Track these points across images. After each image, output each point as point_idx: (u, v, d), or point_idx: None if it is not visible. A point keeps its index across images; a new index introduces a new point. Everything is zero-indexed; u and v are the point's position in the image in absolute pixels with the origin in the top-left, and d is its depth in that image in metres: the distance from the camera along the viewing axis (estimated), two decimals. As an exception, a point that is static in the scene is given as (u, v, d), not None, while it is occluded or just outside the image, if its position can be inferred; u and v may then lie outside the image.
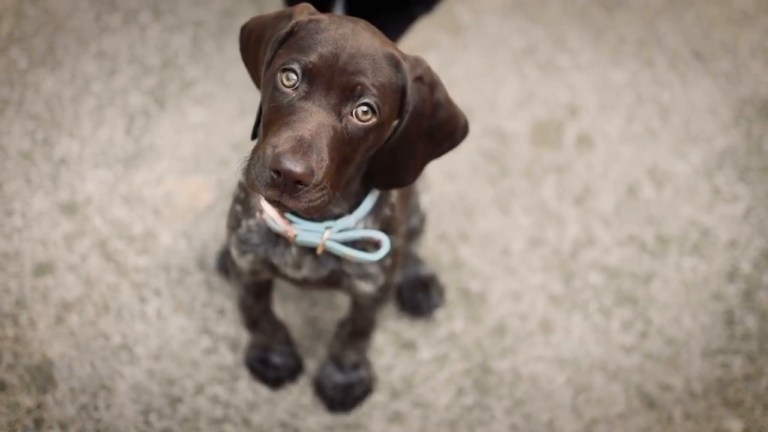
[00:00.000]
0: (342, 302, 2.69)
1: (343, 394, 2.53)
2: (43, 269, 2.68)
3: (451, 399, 2.57)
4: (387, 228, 2.07)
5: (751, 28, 3.31)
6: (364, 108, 1.78)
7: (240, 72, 3.07)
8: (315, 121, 1.75)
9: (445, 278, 2.74)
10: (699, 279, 2.79)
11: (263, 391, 2.55)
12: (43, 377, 2.52)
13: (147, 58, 3.08)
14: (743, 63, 3.22)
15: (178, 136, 2.92)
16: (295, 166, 1.70)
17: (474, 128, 3.02)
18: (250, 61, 1.96)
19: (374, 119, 1.79)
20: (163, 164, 2.87)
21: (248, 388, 2.55)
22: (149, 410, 2.49)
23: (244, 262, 2.15)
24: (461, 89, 3.10)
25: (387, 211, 2.06)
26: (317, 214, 1.82)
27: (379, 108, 1.78)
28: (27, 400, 2.49)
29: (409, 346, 2.65)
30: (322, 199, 1.76)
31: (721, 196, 2.93)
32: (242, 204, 2.10)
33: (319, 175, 1.73)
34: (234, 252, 2.15)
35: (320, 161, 1.73)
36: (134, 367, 2.55)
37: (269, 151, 1.72)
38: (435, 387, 2.59)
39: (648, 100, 3.12)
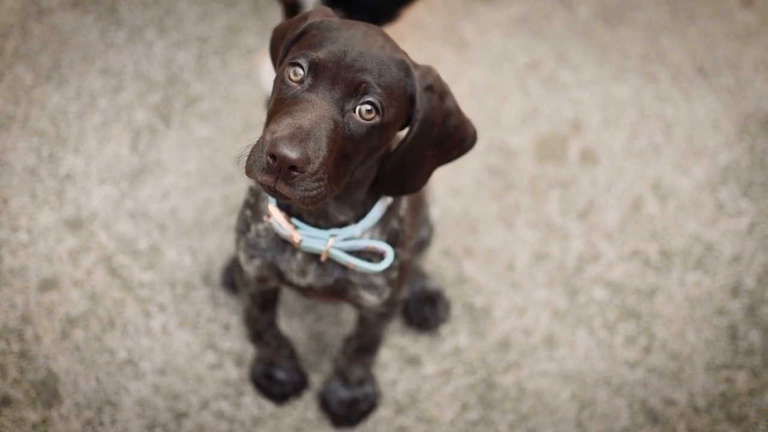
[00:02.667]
0: (347, 317, 2.69)
1: (348, 410, 2.53)
2: (48, 285, 2.68)
3: (456, 414, 2.58)
4: (394, 241, 2.07)
5: (754, 44, 3.32)
6: (368, 106, 1.78)
7: (245, 88, 3.08)
8: (316, 111, 1.75)
9: (450, 293, 2.75)
10: (703, 294, 2.79)
11: (268, 406, 2.55)
12: (48, 392, 2.53)
13: (152, 74, 3.10)
14: (746, 78, 3.23)
15: (184, 152, 2.93)
16: (291, 152, 1.70)
17: (478, 144, 3.02)
18: (275, 63, 1.99)
19: (377, 119, 1.79)
20: (168, 180, 2.88)
21: (253, 403, 2.55)
22: (154, 425, 2.50)
23: (251, 267, 2.15)
24: (466, 105, 3.10)
25: (395, 224, 2.06)
26: (314, 207, 1.81)
27: (382, 108, 1.79)
28: (32, 415, 2.49)
29: (413, 361, 2.65)
30: (318, 190, 1.76)
31: (724, 211, 2.93)
32: (252, 209, 2.11)
33: (315, 164, 1.73)
34: (242, 256, 2.15)
35: (317, 150, 1.73)
36: (139, 382, 2.56)
37: (268, 136, 1.73)
38: (440, 402, 2.59)
39: (651, 116, 3.13)
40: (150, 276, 2.72)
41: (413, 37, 3.27)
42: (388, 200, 2.03)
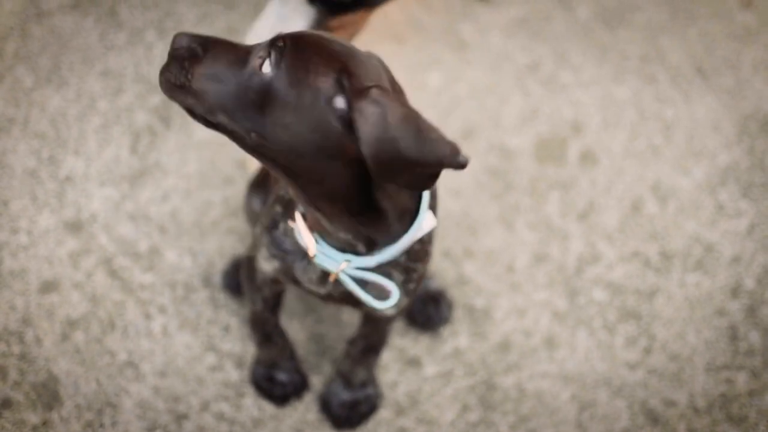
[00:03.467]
0: (348, 319, 2.69)
1: (349, 411, 2.53)
2: (48, 287, 2.69)
3: (456, 415, 2.58)
4: (414, 258, 1.99)
5: (753, 44, 3.32)
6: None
7: (245, 90, 3.08)
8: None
9: (450, 295, 2.75)
10: (703, 295, 2.79)
11: (268, 408, 2.56)
12: (48, 394, 2.53)
13: (153, 76, 3.10)
14: (746, 79, 3.23)
15: (184, 154, 2.94)
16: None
17: (478, 145, 3.03)
18: None
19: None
20: (168, 182, 2.88)
21: (254, 404, 2.56)
22: (155, 427, 2.50)
23: (269, 267, 2.12)
24: (466, 106, 3.12)
25: (416, 246, 1.97)
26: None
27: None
28: (33, 417, 2.49)
29: (414, 362, 2.66)
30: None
31: (724, 211, 2.94)
32: (284, 206, 2.04)
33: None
34: (263, 253, 2.10)
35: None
36: (140, 384, 2.56)
37: None
38: (440, 403, 2.60)
39: (651, 117, 3.13)
40: (150, 278, 2.72)
41: (412, 39, 3.27)
42: (412, 237, 1.90)
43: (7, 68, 3.08)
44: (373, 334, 2.38)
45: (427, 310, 2.69)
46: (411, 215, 1.88)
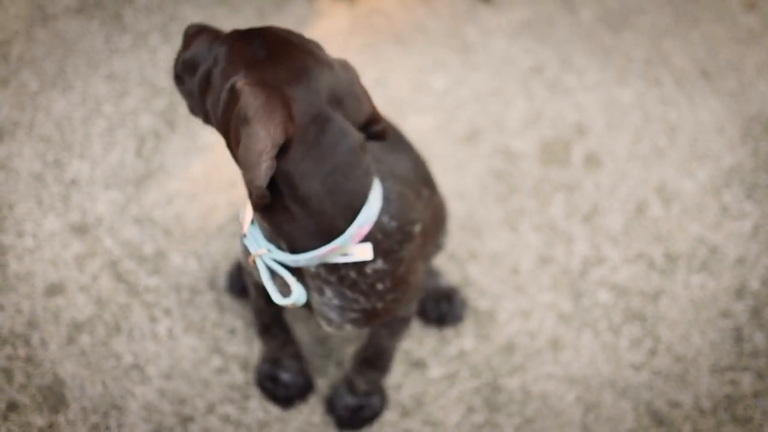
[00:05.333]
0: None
1: (353, 414, 2.53)
2: (54, 290, 2.69)
3: (462, 417, 2.58)
4: (351, 287, 2.01)
5: (757, 47, 3.32)
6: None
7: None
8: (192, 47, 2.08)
9: (462, 292, 2.75)
10: (707, 296, 2.79)
11: (274, 410, 2.56)
12: (54, 397, 2.53)
13: (157, 79, 3.11)
14: (750, 81, 3.23)
15: (189, 157, 2.94)
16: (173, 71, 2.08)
17: (483, 148, 3.03)
18: None
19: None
20: (173, 185, 2.89)
21: (259, 407, 2.56)
22: (161, 429, 2.50)
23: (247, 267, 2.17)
24: (470, 109, 3.12)
25: (352, 274, 1.99)
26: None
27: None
28: (39, 420, 2.50)
29: (419, 364, 2.66)
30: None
31: (728, 213, 2.94)
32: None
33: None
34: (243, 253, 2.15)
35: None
36: (145, 387, 2.56)
37: None
38: (445, 405, 2.60)
39: (655, 119, 3.14)
40: (156, 281, 2.72)
41: (416, 42, 3.28)
42: (336, 257, 1.95)
43: (13, 72, 3.09)
44: (370, 345, 2.39)
45: (441, 307, 2.69)
46: (336, 233, 1.93)
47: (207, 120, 2.00)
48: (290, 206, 1.87)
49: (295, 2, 3.34)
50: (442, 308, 2.69)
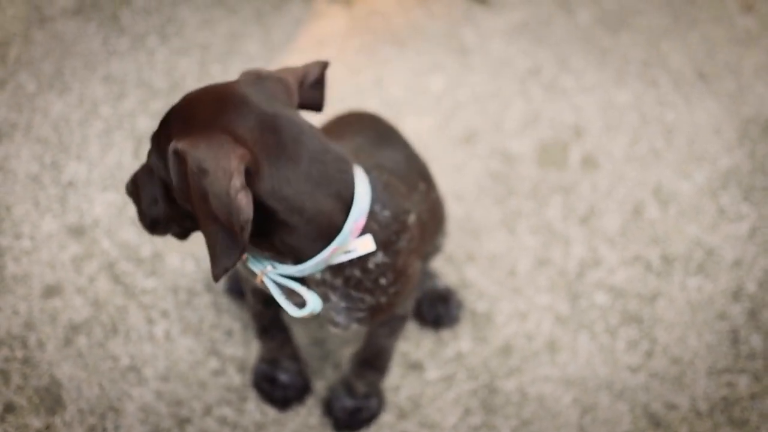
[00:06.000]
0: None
1: (351, 416, 2.54)
2: (51, 291, 2.69)
3: (459, 419, 2.58)
4: (356, 286, 2.01)
5: (755, 49, 3.33)
6: (150, 161, 2.01)
7: (247, 95, 3.09)
8: (143, 165, 2.07)
9: (459, 294, 2.75)
10: (704, 298, 2.79)
11: (271, 412, 2.56)
12: (51, 399, 2.54)
13: (155, 81, 3.11)
14: (747, 83, 3.24)
15: (186, 159, 2.94)
16: (126, 185, 2.11)
17: (480, 150, 3.04)
18: None
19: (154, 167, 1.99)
20: (170, 187, 2.89)
21: (256, 409, 2.56)
22: (157, 431, 2.50)
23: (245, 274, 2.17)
24: (467, 111, 3.12)
25: (356, 272, 1.99)
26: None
27: (155, 164, 1.98)
28: (36, 422, 2.50)
29: (416, 366, 2.66)
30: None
31: (725, 215, 2.94)
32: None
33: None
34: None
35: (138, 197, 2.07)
36: (142, 389, 2.56)
37: None
38: (442, 407, 2.60)
39: (652, 121, 3.14)
40: (153, 283, 2.73)
41: (414, 43, 3.28)
42: (340, 257, 1.94)
43: (10, 74, 3.09)
44: (368, 344, 2.39)
45: (437, 309, 2.69)
46: (335, 231, 1.91)
47: (179, 217, 2.01)
48: (288, 220, 1.85)
49: (292, 3, 3.34)
50: (439, 310, 2.69)
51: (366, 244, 1.94)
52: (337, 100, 3.11)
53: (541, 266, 2.83)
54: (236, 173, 1.74)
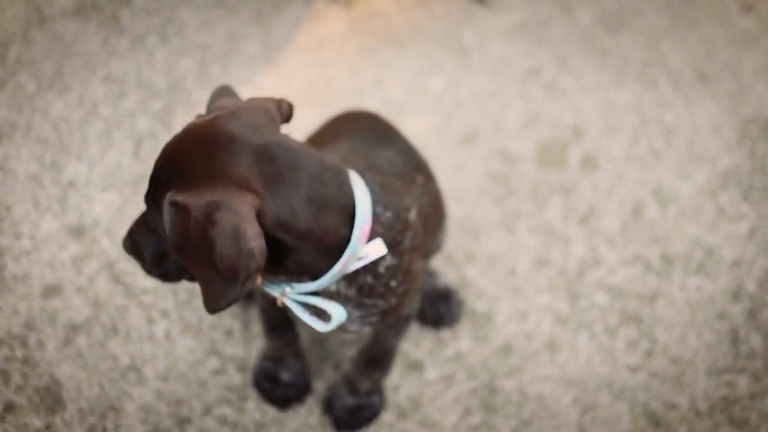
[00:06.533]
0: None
1: (351, 415, 2.54)
2: (51, 291, 2.69)
3: (458, 419, 2.58)
4: (369, 293, 2.01)
5: (754, 49, 3.33)
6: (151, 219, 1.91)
7: (247, 94, 3.09)
8: (138, 221, 2.00)
9: (459, 293, 2.75)
10: (704, 298, 2.80)
11: (271, 411, 2.56)
12: (51, 398, 2.54)
13: (154, 81, 3.11)
14: (747, 83, 3.24)
15: (186, 159, 2.94)
16: (123, 244, 2.02)
17: (480, 150, 3.04)
18: None
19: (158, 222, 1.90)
20: (170, 187, 2.89)
21: (256, 408, 2.56)
22: (157, 431, 2.50)
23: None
24: (467, 111, 3.12)
25: (368, 279, 1.99)
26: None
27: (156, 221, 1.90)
28: (36, 421, 2.50)
29: (415, 366, 2.66)
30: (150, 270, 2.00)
31: (725, 215, 2.94)
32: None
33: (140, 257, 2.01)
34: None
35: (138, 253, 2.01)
36: (142, 388, 2.56)
37: None
38: (442, 407, 2.60)
39: (652, 121, 3.14)
40: (153, 282, 2.73)
41: (414, 44, 3.28)
42: (353, 264, 1.93)
43: (10, 74, 3.09)
44: (374, 344, 2.39)
45: (438, 308, 2.69)
46: (344, 243, 1.90)
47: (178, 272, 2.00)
48: (299, 245, 1.83)
49: (292, 4, 3.34)
50: (439, 309, 2.69)
51: (377, 248, 1.93)
52: (337, 101, 3.11)
53: (541, 266, 2.83)
54: (249, 223, 1.71)
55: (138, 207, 2.84)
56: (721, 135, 3.12)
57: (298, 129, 3.02)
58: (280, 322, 2.45)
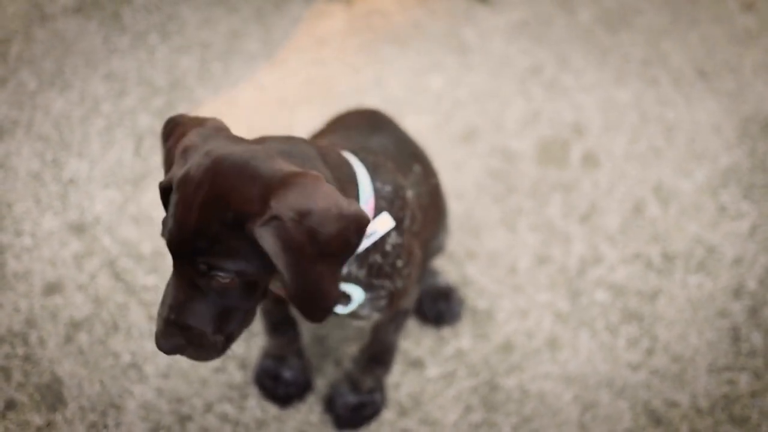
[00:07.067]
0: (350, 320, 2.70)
1: (352, 413, 2.54)
2: (52, 288, 2.69)
3: (459, 416, 2.58)
4: (377, 274, 2.01)
5: (754, 47, 3.33)
6: (219, 278, 1.71)
7: (248, 92, 3.10)
8: (179, 297, 1.73)
9: (460, 291, 2.75)
10: (705, 296, 2.80)
11: (272, 409, 2.56)
12: (52, 396, 2.54)
13: (155, 79, 3.11)
14: (747, 82, 3.24)
15: (187, 157, 2.94)
16: (164, 347, 1.75)
17: (480, 148, 3.04)
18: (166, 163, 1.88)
19: (236, 280, 1.72)
20: (171, 184, 2.89)
21: (257, 406, 2.56)
22: (158, 428, 2.50)
23: None
24: (467, 110, 3.12)
25: (377, 258, 1.98)
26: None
27: (235, 273, 1.70)
28: (37, 419, 2.50)
29: (416, 363, 2.66)
30: (215, 345, 1.79)
31: (726, 213, 2.94)
32: None
33: (197, 341, 1.76)
34: None
35: (190, 336, 1.76)
36: (143, 386, 2.56)
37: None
38: (443, 404, 2.60)
39: (652, 119, 3.14)
40: (153, 279, 2.73)
41: (414, 42, 3.28)
42: (365, 242, 1.91)
43: (11, 71, 3.09)
44: (375, 340, 2.40)
45: (438, 306, 2.70)
46: None
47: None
48: None
49: (293, 2, 3.34)
50: (440, 307, 2.70)
51: (385, 222, 1.93)
52: (337, 99, 3.11)
53: (542, 264, 2.83)
54: (333, 193, 1.69)
55: (139, 205, 2.84)
56: (722, 133, 3.12)
57: (299, 127, 3.02)
58: (281, 321, 2.45)
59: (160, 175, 2.90)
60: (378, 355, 2.44)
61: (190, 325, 1.75)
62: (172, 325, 1.75)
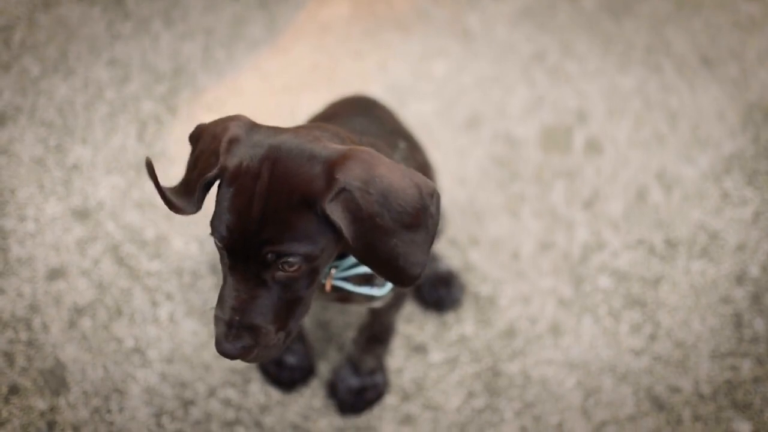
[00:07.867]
0: (354, 306, 2.70)
1: (356, 397, 2.54)
2: (55, 274, 2.70)
3: (462, 401, 2.59)
4: None
5: (758, 34, 3.32)
6: (289, 264, 1.68)
7: (252, 79, 3.09)
8: (241, 297, 1.69)
9: (461, 276, 2.75)
10: (708, 282, 2.80)
11: (275, 393, 2.56)
12: (56, 380, 2.54)
13: (159, 65, 3.11)
14: (751, 68, 3.23)
15: (190, 143, 2.94)
16: (232, 352, 1.70)
17: (484, 134, 3.04)
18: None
19: (303, 266, 1.69)
20: (175, 170, 2.89)
21: (260, 390, 2.56)
22: (162, 413, 2.51)
23: None
24: (471, 96, 3.12)
25: None
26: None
27: (303, 258, 1.68)
28: (40, 403, 2.50)
29: (419, 349, 2.66)
30: (277, 343, 1.74)
31: (729, 200, 2.94)
32: None
33: (263, 341, 1.72)
34: None
35: (256, 336, 1.71)
36: (147, 371, 2.57)
37: (215, 319, 1.73)
38: (446, 389, 2.60)
39: (656, 106, 3.14)
40: (157, 265, 2.73)
41: (418, 29, 3.28)
42: None
43: (14, 57, 3.09)
44: (376, 322, 2.40)
45: (438, 292, 2.70)
46: None
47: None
48: None
49: (296, -12, 3.34)
50: (440, 292, 2.70)
51: None
52: (341, 85, 3.11)
53: (545, 250, 2.83)
54: (392, 162, 1.70)
55: (142, 190, 2.84)
56: (725, 120, 3.12)
57: (302, 113, 3.02)
58: None
59: (163, 161, 2.90)
60: (378, 334, 2.44)
61: (257, 324, 1.71)
62: (238, 327, 1.71)
